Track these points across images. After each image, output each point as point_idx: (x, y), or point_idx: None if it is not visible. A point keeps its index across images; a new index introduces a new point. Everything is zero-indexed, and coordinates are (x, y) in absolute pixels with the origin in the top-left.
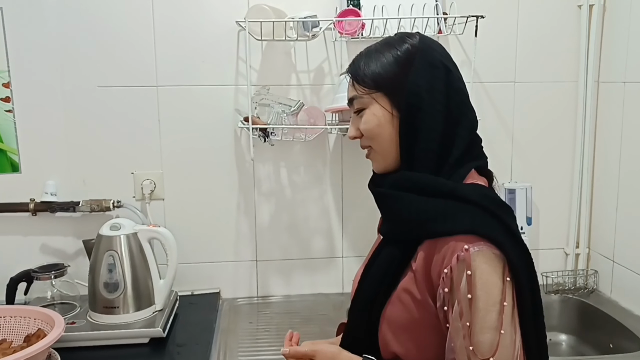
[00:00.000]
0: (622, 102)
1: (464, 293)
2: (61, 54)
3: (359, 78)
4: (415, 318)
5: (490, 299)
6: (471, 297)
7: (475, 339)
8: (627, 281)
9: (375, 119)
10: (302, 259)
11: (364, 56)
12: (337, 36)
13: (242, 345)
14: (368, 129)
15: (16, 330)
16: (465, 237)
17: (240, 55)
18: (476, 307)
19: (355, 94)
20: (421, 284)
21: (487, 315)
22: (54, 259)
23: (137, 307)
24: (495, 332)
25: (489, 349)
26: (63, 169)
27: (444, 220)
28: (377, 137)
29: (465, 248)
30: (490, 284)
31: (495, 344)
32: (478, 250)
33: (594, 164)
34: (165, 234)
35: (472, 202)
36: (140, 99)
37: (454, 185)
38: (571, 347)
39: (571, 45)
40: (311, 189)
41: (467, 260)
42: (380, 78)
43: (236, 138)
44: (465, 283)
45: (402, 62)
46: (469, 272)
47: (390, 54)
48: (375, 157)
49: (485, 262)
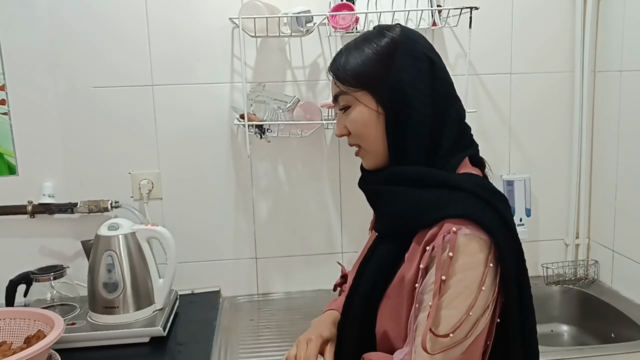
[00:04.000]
0: (619, 91)
1: (440, 274)
2: (54, 55)
3: (340, 77)
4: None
5: (466, 282)
6: (445, 278)
7: (440, 315)
8: (627, 270)
9: (360, 117)
10: (301, 255)
11: (344, 53)
12: (332, 31)
13: (243, 342)
14: (355, 128)
15: (16, 332)
16: (454, 221)
17: (235, 52)
18: (448, 287)
19: (338, 91)
20: (412, 273)
21: (458, 296)
22: (53, 261)
23: (137, 306)
24: (460, 313)
25: (450, 326)
26: (60, 170)
27: (437, 208)
28: (365, 135)
29: (453, 230)
30: (471, 267)
31: (457, 323)
32: (465, 233)
33: (592, 154)
34: (163, 232)
35: (466, 190)
36: (135, 99)
37: (446, 175)
38: (573, 338)
39: (567, 35)
40: (309, 185)
41: (452, 242)
42: (361, 76)
43: (233, 136)
44: (444, 263)
45: (384, 57)
46: (450, 254)
47: (370, 49)
48: (365, 154)
49: (470, 246)
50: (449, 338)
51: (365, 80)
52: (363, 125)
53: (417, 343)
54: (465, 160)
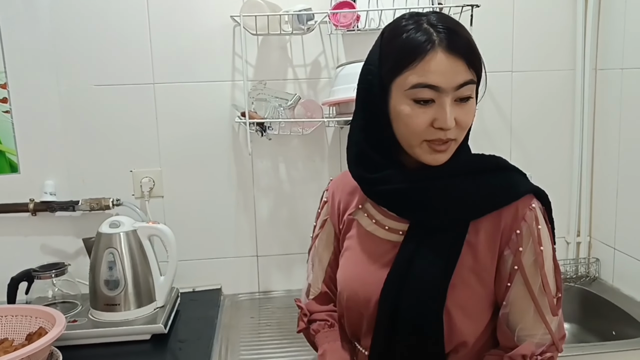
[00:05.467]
0: (620, 89)
1: (538, 247)
2: (56, 54)
3: (475, 63)
4: (478, 293)
5: (549, 246)
6: (543, 249)
7: (549, 282)
8: (628, 268)
9: (475, 108)
10: (302, 253)
11: (460, 34)
12: (333, 29)
13: (244, 339)
14: (468, 120)
15: (18, 329)
16: (527, 198)
17: (236, 50)
18: (546, 257)
19: (469, 79)
20: (485, 256)
21: (550, 261)
22: (55, 259)
23: (138, 304)
24: (557, 274)
25: (556, 288)
26: (62, 168)
27: (506, 189)
28: (468, 128)
29: (533, 206)
30: (547, 234)
31: (558, 282)
32: (538, 206)
33: (593, 152)
34: (164, 230)
35: (513, 169)
36: (137, 97)
37: (495, 158)
38: (574, 336)
39: (568, 33)
40: (310, 183)
41: (536, 217)
42: (480, 63)
43: (234, 134)
44: (537, 237)
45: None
46: (539, 227)
47: (467, 34)
48: (452, 149)
49: (543, 216)
50: (560, 297)
51: (481, 68)
52: (473, 118)
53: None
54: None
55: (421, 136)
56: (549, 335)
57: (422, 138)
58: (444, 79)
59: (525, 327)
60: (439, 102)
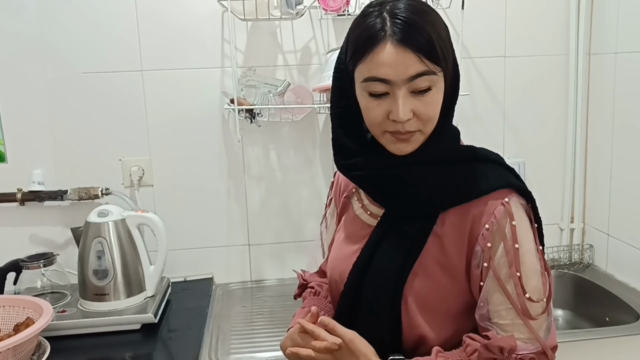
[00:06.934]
0: (614, 74)
1: (511, 244)
2: (42, 41)
3: (430, 53)
4: (443, 286)
5: (531, 245)
6: (518, 246)
7: (527, 285)
8: (622, 254)
9: (438, 99)
10: (294, 241)
11: (417, 21)
12: (323, 14)
13: (235, 328)
14: (429, 112)
15: (5, 320)
16: (501, 192)
17: (225, 36)
18: (523, 255)
19: (423, 70)
20: (452, 249)
21: (532, 260)
22: (44, 249)
23: (128, 293)
24: (540, 275)
25: (539, 291)
26: (50, 157)
27: (477, 182)
28: (434, 119)
29: (506, 201)
30: (528, 231)
31: (541, 285)
32: (515, 201)
33: (587, 138)
34: (153, 219)
35: (494, 162)
36: (125, 85)
37: (472, 149)
38: (567, 322)
39: (561, 18)
40: (302, 171)
41: (509, 212)
42: (446, 50)
43: (224, 121)
44: (511, 234)
45: (440, 28)
46: (513, 223)
47: (436, 17)
48: (417, 139)
49: (522, 212)
50: (541, 303)
51: (447, 57)
52: (438, 108)
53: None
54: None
55: (380, 127)
56: (536, 342)
57: (381, 129)
58: (393, 71)
59: (506, 329)
60: (392, 94)
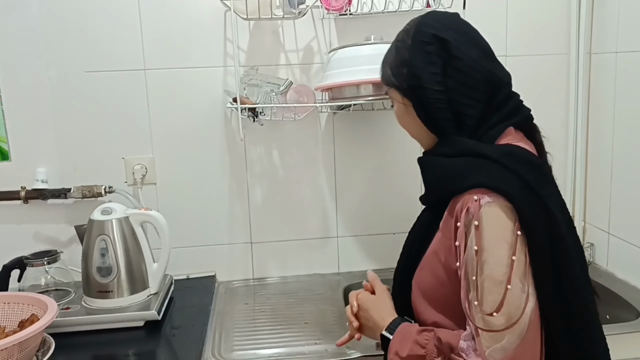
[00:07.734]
0: (615, 73)
1: (470, 245)
2: (46, 40)
3: (382, 77)
4: (441, 281)
5: (498, 252)
6: (477, 249)
7: (482, 293)
8: (623, 253)
9: (397, 112)
10: (297, 239)
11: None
12: (325, 13)
13: (238, 325)
14: (399, 122)
15: (10, 317)
16: (476, 190)
17: (227, 36)
18: (483, 260)
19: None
20: (445, 245)
21: (494, 268)
22: (47, 247)
23: (132, 290)
24: (501, 287)
25: (492, 304)
26: (53, 155)
27: (462, 177)
28: (407, 127)
29: (475, 199)
30: (499, 237)
31: (500, 299)
32: (488, 202)
33: (588, 136)
34: (156, 216)
35: (490, 158)
36: (128, 83)
37: (474, 144)
38: None
39: (562, 17)
40: (304, 169)
41: (475, 212)
42: (387, 74)
43: (226, 120)
44: (473, 235)
45: (400, 50)
46: (476, 223)
47: (393, 46)
48: (416, 140)
49: (494, 214)
50: (496, 317)
51: (390, 77)
52: (401, 119)
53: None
54: (508, 130)
55: None
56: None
57: None
58: None
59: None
60: None
